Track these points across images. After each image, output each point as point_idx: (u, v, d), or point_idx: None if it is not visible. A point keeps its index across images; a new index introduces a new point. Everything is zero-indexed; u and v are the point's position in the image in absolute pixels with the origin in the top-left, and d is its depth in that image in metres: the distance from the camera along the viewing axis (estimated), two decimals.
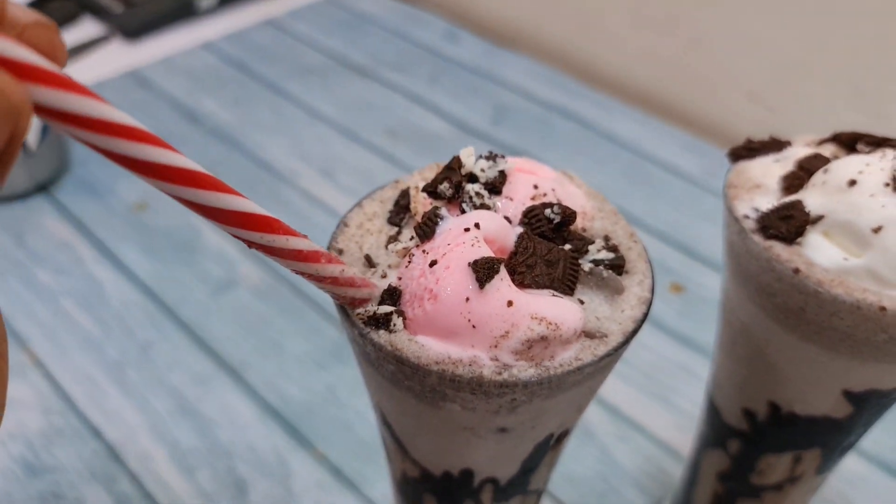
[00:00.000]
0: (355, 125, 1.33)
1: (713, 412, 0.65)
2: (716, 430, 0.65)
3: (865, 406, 0.56)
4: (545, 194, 0.48)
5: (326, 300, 1.00)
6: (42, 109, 0.26)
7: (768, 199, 0.54)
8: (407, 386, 0.44)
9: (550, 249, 0.43)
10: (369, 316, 0.42)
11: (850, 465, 0.85)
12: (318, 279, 0.42)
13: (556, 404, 0.45)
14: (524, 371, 0.41)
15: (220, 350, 0.96)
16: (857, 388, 0.54)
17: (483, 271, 0.40)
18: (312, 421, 0.88)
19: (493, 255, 0.41)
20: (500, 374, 0.40)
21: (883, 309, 0.47)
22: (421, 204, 0.48)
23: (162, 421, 0.87)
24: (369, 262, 0.46)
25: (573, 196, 0.50)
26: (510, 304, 0.40)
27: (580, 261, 0.45)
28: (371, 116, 1.36)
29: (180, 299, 1.02)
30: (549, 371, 0.41)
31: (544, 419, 0.45)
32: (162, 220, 1.13)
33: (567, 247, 0.45)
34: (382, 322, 0.42)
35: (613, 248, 0.48)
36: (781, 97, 1.31)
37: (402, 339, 0.42)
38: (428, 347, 0.41)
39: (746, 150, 0.57)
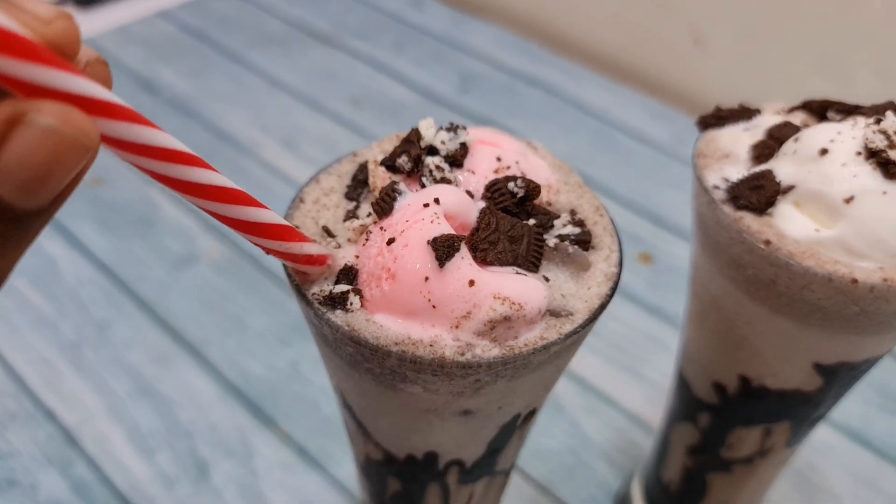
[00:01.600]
0: (318, 94, 1.30)
1: (683, 386, 0.64)
2: (685, 404, 0.64)
3: (835, 379, 0.55)
4: (508, 167, 0.46)
5: None
6: (109, 140, 0.28)
7: (738, 169, 0.52)
8: (366, 368, 0.42)
9: (514, 225, 0.41)
10: (325, 296, 0.40)
11: (819, 435, 0.85)
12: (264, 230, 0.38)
13: (522, 384, 0.43)
14: (488, 351, 0.39)
15: (180, 328, 0.93)
16: (828, 361, 0.53)
17: (442, 249, 0.38)
18: (276, 399, 0.86)
19: (453, 231, 0.39)
20: (462, 354, 0.38)
21: (855, 281, 0.46)
22: (380, 178, 0.46)
23: (120, 402, 0.85)
24: (328, 234, 0.44)
25: (537, 168, 0.48)
26: (472, 283, 0.38)
27: (545, 236, 0.43)
28: (334, 85, 1.33)
29: (138, 276, 0.99)
30: (514, 351, 0.39)
31: (510, 399, 0.44)
32: (118, 194, 1.10)
33: (531, 222, 0.43)
34: (339, 301, 0.40)
35: (579, 223, 0.46)
36: (748, 65, 1.29)
37: (359, 320, 0.40)
38: (387, 328, 0.39)
39: (716, 119, 0.56)
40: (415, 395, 0.42)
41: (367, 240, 0.42)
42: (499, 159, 0.46)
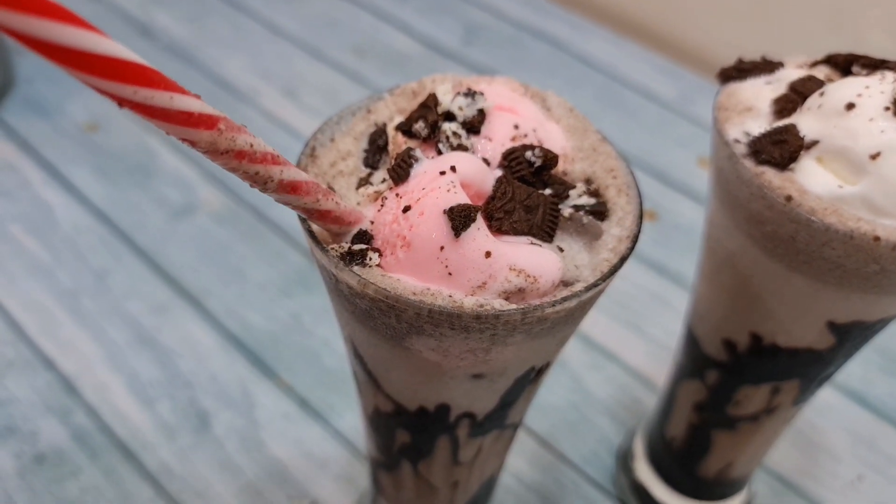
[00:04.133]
0: (320, 42, 1.28)
1: (692, 343, 0.64)
2: (694, 361, 0.64)
3: (848, 338, 0.55)
4: (526, 135, 0.45)
5: (291, 225, 0.97)
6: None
7: (760, 123, 0.51)
8: (383, 323, 0.41)
9: (530, 194, 0.41)
10: (343, 252, 0.40)
11: (820, 396, 0.85)
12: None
13: (537, 339, 0.42)
14: (505, 305, 0.38)
15: (180, 277, 0.92)
16: (842, 320, 0.53)
17: (458, 219, 0.38)
18: (277, 350, 0.85)
19: (468, 200, 0.39)
20: (481, 306, 0.38)
21: (877, 239, 0.45)
22: (397, 145, 0.45)
23: (119, 351, 0.84)
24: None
25: (553, 136, 0.47)
26: (488, 255, 0.38)
27: (560, 206, 0.42)
28: (336, 33, 1.30)
29: (136, 224, 0.97)
30: (531, 305, 0.39)
31: (524, 355, 0.43)
32: (115, 140, 1.08)
33: (547, 191, 0.43)
34: (357, 257, 0.39)
35: (595, 193, 0.45)
36: (759, 22, 1.27)
37: (376, 275, 0.39)
38: (405, 281, 0.39)
39: (737, 71, 0.54)
40: (427, 352, 0.42)
41: (382, 206, 0.41)
42: (516, 127, 0.45)
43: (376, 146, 0.46)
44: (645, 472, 0.74)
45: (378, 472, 0.59)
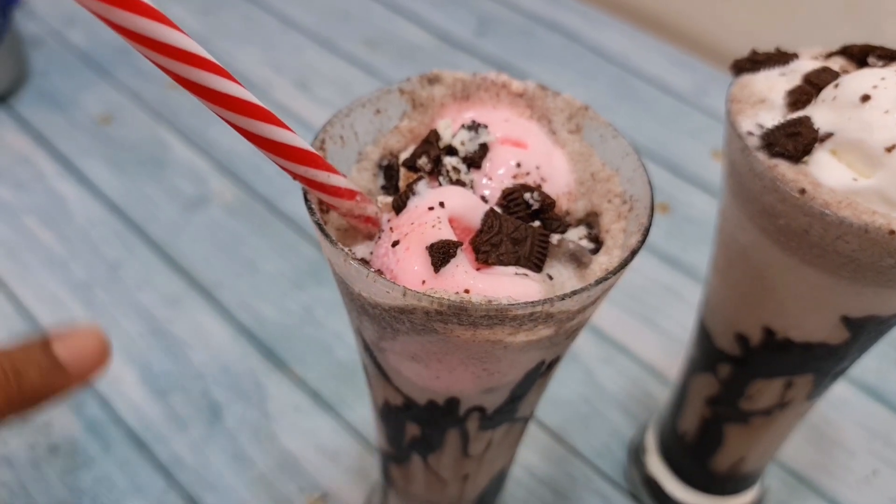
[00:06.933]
0: (332, 34, 1.27)
1: (704, 336, 0.63)
2: (706, 355, 0.64)
3: (863, 332, 0.54)
4: (528, 173, 0.45)
5: (303, 218, 0.97)
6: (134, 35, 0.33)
7: (773, 116, 0.50)
8: (393, 321, 0.41)
9: (517, 227, 0.41)
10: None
11: (834, 390, 0.84)
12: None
13: (549, 331, 0.42)
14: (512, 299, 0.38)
15: (192, 269, 0.92)
16: (856, 314, 0.52)
17: (438, 256, 0.39)
18: (289, 342, 0.86)
19: (453, 236, 0.40)
20: (490, 301, 0.38)
21: (892, 233, 0.45)
22: (404, 178, 0.46)
23: (132, 343, 0.84)
24: None
25: (558, 172, 0.47)
26: (466, 291, 0.39)
27: (550, 235, 0.43)
28: (349, 25, 1.30)
29: (149, 216, 0.98)
30: (540, 299, 0.38)
31: (534, 348, 0.43)
32: (129, 133, 1.08)
33: (536, 223, 0.43)
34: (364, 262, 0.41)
35: (595, 239, 0.46)
36: (773, 13, 1.26)
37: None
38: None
39: (751, 63, 0.54)
40: (438, 342, 0.42)
41: (379, 237, 0.43)
42: (518, 165, 0.46)
43: (392, 182, 0.48)
44: (657, 466, 0.73)
45: (388, 464, 0.59)
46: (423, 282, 0.39)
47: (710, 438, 0.67)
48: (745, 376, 0.61)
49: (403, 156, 0.48)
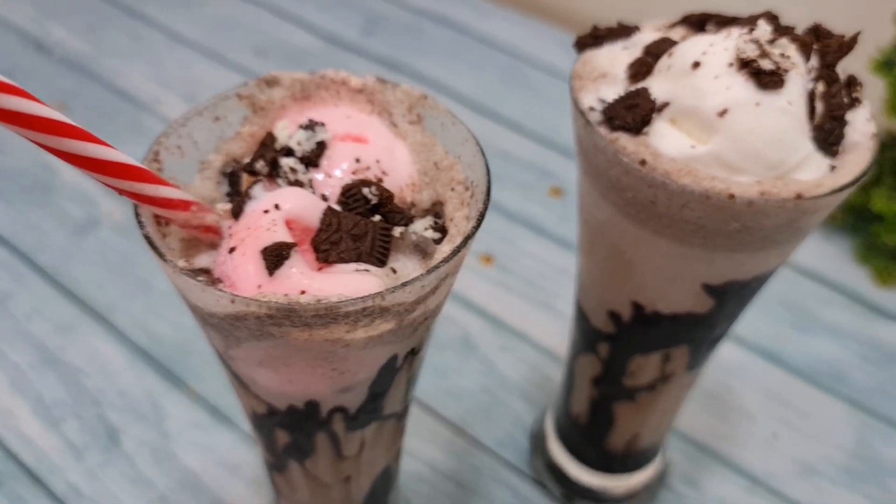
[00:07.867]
0: (220, 46, 1.25)
1: (581, 317, 0.64)
2: (585, 335, 0.64)
3: (726, 298, 0.55)
4: (368, 167, 0.45)
5: None
6: None
7: (615, 89, 0.51)
8: (233, 328, 0.40)
9: (357, 223, 0.41)
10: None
11: (729, 355, 0.85)
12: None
13: (389, 325, 0.42)
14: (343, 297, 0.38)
15: (84, 294, 0.90)
16: (716, 281, 0.53)
17: (272, 259, 0.38)
18: (185, 359, 0.84)
19: (289, 238, 0.39)
20: (319, 300, 0.37)
21: (732, 196, 0.45)
22: (246, 183, 0.45)
23: (22, 375, 0.82)
24: None
25: (400, 164, 0.47)
26: (302, 293, 0.38)
27: (392, 228, 0.43)
28: (237, 36, 1.28)
29: (38, 244, 0.95)
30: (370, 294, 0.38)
31: (378, 343, 0.42)
32: (11, 160, 1.05)
33: (377, 217, 0.43)
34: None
35: (441, 228, 0.45)
36: None
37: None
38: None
39: (592, 38, 0.54)
40: (280, 345, 0.41)
41: (220, 245, 0.42)
42: (358, 160, 0.45)
43: (236, 190, 0.47)
44: (557, 452, 0.74)
45: (272, 473, 0.58)
46: (259, 286, 0.38)
47: (602, 418, 0.68)
48: (623, 353, 0.61)
49: (246, 161, 0.47)
